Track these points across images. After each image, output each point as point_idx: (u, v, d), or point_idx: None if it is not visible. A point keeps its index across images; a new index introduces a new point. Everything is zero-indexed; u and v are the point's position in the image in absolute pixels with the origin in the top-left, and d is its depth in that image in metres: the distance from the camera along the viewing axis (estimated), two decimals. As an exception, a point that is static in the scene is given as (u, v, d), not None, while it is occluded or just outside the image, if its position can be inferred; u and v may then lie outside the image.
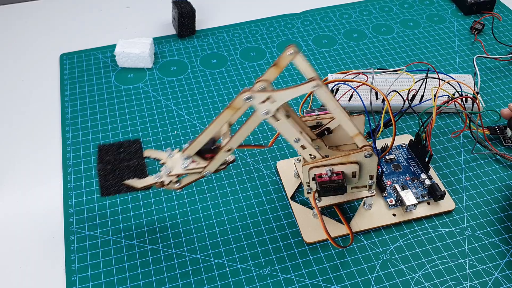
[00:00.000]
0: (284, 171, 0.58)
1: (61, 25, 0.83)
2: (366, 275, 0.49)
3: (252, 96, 0.42)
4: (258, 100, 0.42)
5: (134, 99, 0.69)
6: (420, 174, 0.56)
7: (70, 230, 0.53)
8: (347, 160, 0.46)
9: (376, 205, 0.54)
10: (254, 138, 0.63)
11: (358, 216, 0.53)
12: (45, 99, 0.70)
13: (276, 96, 0.42)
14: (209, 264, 0.50)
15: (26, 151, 0.62)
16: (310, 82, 0.42)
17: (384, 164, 0.58)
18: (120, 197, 0.56)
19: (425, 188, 0.55)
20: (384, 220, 0.53)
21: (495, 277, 0.49)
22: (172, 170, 0.48)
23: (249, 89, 0.42)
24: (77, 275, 0.50)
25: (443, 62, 0.74)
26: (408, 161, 0.58)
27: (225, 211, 0.55)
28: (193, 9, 0.77)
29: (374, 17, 0.83)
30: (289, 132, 0.45)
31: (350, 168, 0.46)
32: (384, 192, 0.55)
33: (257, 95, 0.42)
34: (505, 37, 0.78)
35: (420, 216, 0.53)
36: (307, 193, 0.49)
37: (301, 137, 0.45)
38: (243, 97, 0.42)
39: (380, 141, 0.60)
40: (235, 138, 0.45)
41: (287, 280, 0.49)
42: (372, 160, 0.46)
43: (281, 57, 0.43)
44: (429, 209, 0.54)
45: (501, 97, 0.68)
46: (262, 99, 0.42)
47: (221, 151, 0.45)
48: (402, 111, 0.59)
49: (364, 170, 0.47)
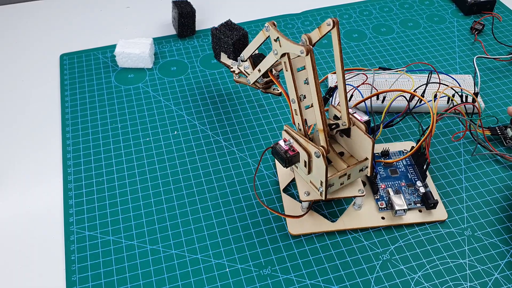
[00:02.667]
0: (279, 163, 0.58)
1: (61, 25, 0.83)
2: (366, 276, 0.49)
3: (268, 27, 0.46)
4: (272, 35, 0.46)
5: (134, 99, 0.69)
6: (416, 181, 0.56)
7: (70, 230, 0.53)
8: (305, 146, 0.48)
9: (367, 206, 0.54)
10: (268, 119, 0.63)
11: (346, 215, 0.54)
12: (45, 99, 0.70)
13: (282, 40, 0.45)
14: (209, 264, 0.50)
15: (26, 151, 0.62)
16: (301, 46, 0.43)
17: (381, 168, 0.58)
18: (120, 197, 0.56)
19: (419, 196, 0.55)
20: (372, 222, 0.53)
21: (495, 277, 0.49)
22: (240, 66, 0.60)
23: (273, 23, 0.46)
24: (77, 275, 0.50)
25: (443, 63, 0.74)
26: (407, 168, 0.57)
27: (225, 212, 0.55)
28: (193, 9, 0.77)
29: (374, 17, 0.83)
30: (289, 88, 0.47)
31: (303, 155, 0.48)
32: (376, 194, 0.55)
33: (271, 31, 0.46)
34: (505, 37, 0.78)
35: (409, 222, 0.53)
36: (304, 195, 0.50)
37: (297, 101, 0.47)
38: (265, 24, 0.46)
39: (381, 145, 0.59)
40: (247, 49, 0.54)
41: (287, 280, 0.49)
42: (319, 162, 0.47)
43: (321, 25, 0.45)
44: (420, 217, 0.53)
45: (501, 97, 0.68)
46: (274, 36, 0.46)
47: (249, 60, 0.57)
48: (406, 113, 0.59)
49: (314, 168, 0.48)
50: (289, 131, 0.49)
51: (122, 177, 0.59)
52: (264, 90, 0.59)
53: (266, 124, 0.65)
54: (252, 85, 0.58)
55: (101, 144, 0.63)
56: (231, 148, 0.62)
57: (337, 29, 0.44)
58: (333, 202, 0.55)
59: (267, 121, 0.65)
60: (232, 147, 0.62)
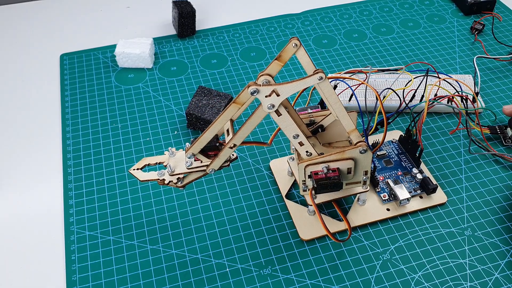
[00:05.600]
0: (277, 170, 0.58)
1: (61, 25, 0.83)
2: (366, 275, 0.49)
3: (258, 89, 0.42)
4: (263, 93, 0.42)
5: (134, 99, 0.69)
6: (411, 169, 0.57)
7: (70, 230, 0.53)
8: (342, 157, 0.46)
9: (370, 201, 0.55)
10: (253, 137, 0.63)
11: (353, 212, 0.54)
12: (45, 99, 0.70)
13: (281, 89, 0.42)
14: (209, 264, 0.50)
15: (26, 151, 0.62)
16: (315, 74, 0.42)
17: (376, 160, 0.58)
18: (120, 197, 0.56)
19: (417, 182, 0.56)
20: (379, 215, 0.53)
21: (495, 277, 0.49)
22: (175, 169, 0.48)
23: (255, 83, 0.42)
24: (77, 275, 0.50)
25: (443, 62, 0.74)
26: (399, 156, 0.58)
27: (225, 212, 0.55)
28: (193, 9, 0.77)
29: (374, 17, 0.83)
30: (289, 128, 0.45)
31: (345, 164, 0.47)
32: (377, 187, 0.55)
33: (263, 89, 0.42)
34: (505, 37, 0.78)
35: (413, 210, 0.54)
36: (302, 190, 0.49)
37: (300, 134, 0.45)
38: (249, 91, 0.42)
39: (371, 137, 0.60)
40: (239, 134, 0.45)
41: (287, 280, 0.49)
42: (366, 156, 0.47)
43: (284, 49, 0.43)
44: (421, 203, 0.54)
45: (502, 97, 0.68)
46: (267, 92, 0.42)
47: (225, 148, 0.45)
48: (398, 111, 0.59)
49: (359, 166, 0.48)
50: (311, 161, 0.46)
51: (122, 177, 0.59)
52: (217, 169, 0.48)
53: (266, 124, 0.65)
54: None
55: (101, 144, 0.63)
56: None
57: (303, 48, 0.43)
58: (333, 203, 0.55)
59: (267, 120, 0.65)
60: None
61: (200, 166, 0.47)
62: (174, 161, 0.48)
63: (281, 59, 0.43)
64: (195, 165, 0.47)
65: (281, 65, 0.43)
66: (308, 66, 0.43)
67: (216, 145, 0.46)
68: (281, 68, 0.43)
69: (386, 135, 0.61)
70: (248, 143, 0.51)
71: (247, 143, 0.50)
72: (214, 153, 0.47)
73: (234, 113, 0.45)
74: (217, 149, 0.47)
